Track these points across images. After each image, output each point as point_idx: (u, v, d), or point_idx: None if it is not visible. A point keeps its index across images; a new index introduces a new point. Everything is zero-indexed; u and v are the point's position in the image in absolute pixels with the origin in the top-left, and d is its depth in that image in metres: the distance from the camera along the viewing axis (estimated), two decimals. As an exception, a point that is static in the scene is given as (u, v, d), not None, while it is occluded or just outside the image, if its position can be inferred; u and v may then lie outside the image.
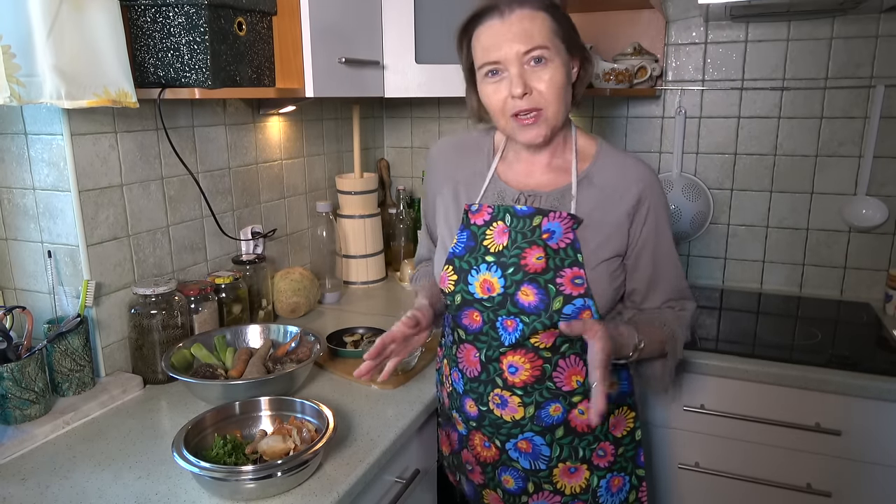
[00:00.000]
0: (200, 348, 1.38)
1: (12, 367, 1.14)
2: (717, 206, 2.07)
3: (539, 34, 1.04)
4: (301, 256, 2.00)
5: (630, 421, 1.24)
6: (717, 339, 1.71)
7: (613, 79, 1.90)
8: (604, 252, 1.11)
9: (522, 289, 1.09)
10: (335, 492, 1.01)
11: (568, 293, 1.07)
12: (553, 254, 1.09)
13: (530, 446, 1.18)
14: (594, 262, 1.10)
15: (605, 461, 1.21)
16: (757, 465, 1.57)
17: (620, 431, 1.23)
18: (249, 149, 1.75)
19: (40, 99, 1.06)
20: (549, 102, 1.07)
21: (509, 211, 1.13)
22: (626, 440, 1.23)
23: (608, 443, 1.21)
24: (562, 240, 1.09)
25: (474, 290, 1.13)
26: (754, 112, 1.97)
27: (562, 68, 1.06)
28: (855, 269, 1.96)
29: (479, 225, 1.16)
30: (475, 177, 1.21)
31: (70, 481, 1.04)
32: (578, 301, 1.07)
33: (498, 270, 1.11)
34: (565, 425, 1.17)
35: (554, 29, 1.06)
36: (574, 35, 1.11)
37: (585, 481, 1.21)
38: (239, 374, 1.31)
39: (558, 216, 1.09)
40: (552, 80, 1.05)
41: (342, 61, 1.56)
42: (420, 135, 2.40)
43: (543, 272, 1.08)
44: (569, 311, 1.07)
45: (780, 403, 1.52)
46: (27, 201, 1.32)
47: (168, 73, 1.24)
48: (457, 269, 1.15)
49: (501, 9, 1.05)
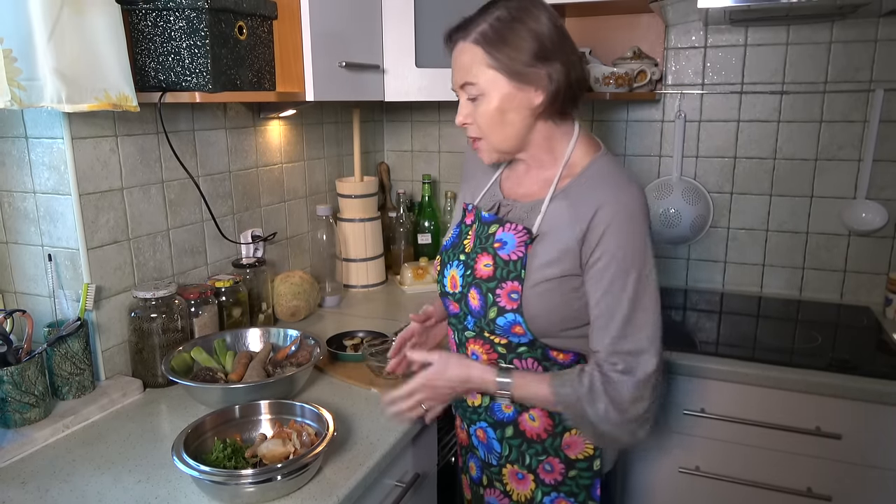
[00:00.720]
0: (200, 352, 1.38)
1: (12, 371, 1.14)
2: (716, 210, 2.07)
3: (470, 68, 1.06)
4: (301, 260, 2.00)
5: (589, 447, 1.14)
6: (718, 343, 1.71)
7: (613, 83, 1.90)
8: (548, 272, 1.06)
9: (471, 292, 1.13)
10: (335, 496, 1.01)
11: (502, 305, 1.08)
12: (502, 264, 1.09)
13: (485, 437, 1.21)
14: (535, 280, 1.06)
15: (551, 478, 1.17)
16: (757, 468, 1.57)
17: (575, 453, 1.15)
18: (250, 152, 1.75)
19: (41, 102, 1.06)
20: (486, 133, 1.10)
21: (478, 215, 1.18)
22: (582, 465, 1.15)
23: (558, 460, 1.15)
24: (514, 252, 1.09)
25: (446, 283, 1.20)
26: (754, 116, 1.98)
27: (496, 101, 1.06)
28: (855, 273, 1.96)
29: (467, 224, 1.22)
30: (482, 180, 1.26)
31: (70, 485, 1.04)
32: (510, 315, 1.08)
33: (462, 269, 1.16)
34: (514, 426, 1.17)
35: (487, 62, 1.04)
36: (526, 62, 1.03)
37: (531, 492, 1.19)
38: (239, 378, 1.31)
39: (513, 228, 1.10)
40: (483, 113, 1.08)
41: (342, 65, 1.56)
42: (420, 138, 2.40)
43: (488, 280, 1.10)
44: (501, 322, 1.09)
45: (780, 407, 1.52)
46: (28, 205, 1.32)
47: (169, 77, 1.24)
48: (442, 261, 1.23)
49: (448, 41, 1.11)
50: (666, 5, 1.75)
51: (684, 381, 1.59)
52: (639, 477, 1.71)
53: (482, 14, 1.06)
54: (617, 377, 1.02)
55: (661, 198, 2.06)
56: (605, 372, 1.03)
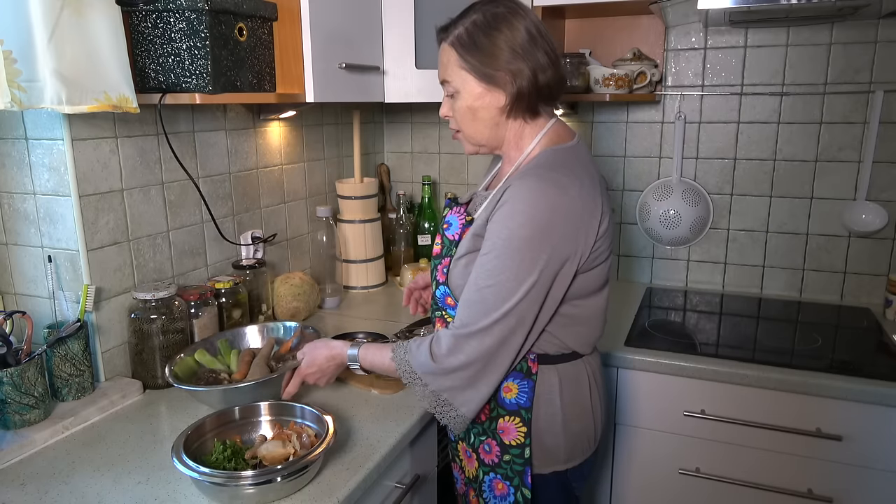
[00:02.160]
0: (204, 354, 1.38)
1: (12, 372, 1.14)
2: (716, 211, 2.07)
3: (446, 67, 1.16)
4: (301, 261, 2.00)
5: (521, 435, 1.17)
6: (718, 344, 1.71)
7: (613, 84, 1.90)
8: (465, 247, 1.16)
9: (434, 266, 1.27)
10: (335, 497, 1.01)
11: (437, 279, 1.23)
12: (448, 243, 1.23)
13: None
14: (456, 256, 1.18)
15: (489, 458, 1.22)
16: (758, 470, 1.57)
17: (509, 439, 1.18)
18: (250, 154, 1.75)
19: (41, 104, 1.06)
20: (461, 127, 1.20)
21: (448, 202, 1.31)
22: (515, 451, 1.18)
23: (495, 442, 1.20)
24: (456, 233, 1.21)
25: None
26: (754, 117, 1.98)
27: (467, 99, 1.15)
28: (855, 274, 1.96)
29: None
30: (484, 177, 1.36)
31: (69, 486, 1.03)
32: (441, 288, 1.21)
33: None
34: None
35: (458, 63, 1.13)
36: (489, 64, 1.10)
37: (476, 470, 1.25)
38: (242, 377, 1.32)
39: (457, 211, 1.24)
40: (458, 109, 1.18)
41: (342, 67, 1.57)
42: (420, 140, 2.40)
43: (437, 257, 1.26)
44: (438, 293, 1.23)
45: (780, 409, 1.52)
46: (28, 206, 1.32)
47: (169, 79, 1.24)
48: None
49: (438, 41, 1.19)
50: (666, 7, 1.75)
51: (684, 383, 1.58)
52: (639, 478, 1.70)
53: (462, 17, 1.15)
54: (442, 332, 1.11)
55: (661, 199, 2.06)
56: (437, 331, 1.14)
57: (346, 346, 1.23)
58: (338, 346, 1.24)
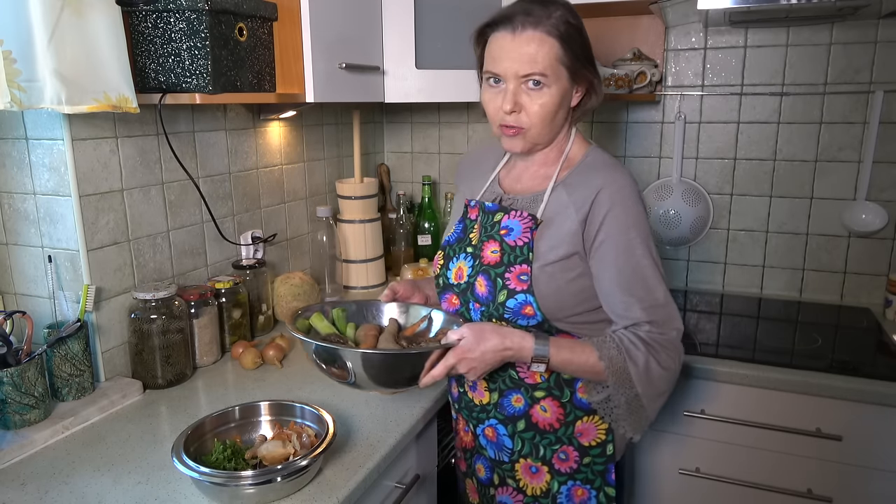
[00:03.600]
0: (321, 319, 1.23)
1: (12, 372, 1.14)
2: (716, 211, 2.07)
3: (543, 60, 1.07)
4: (301, 261, 2.00)
5: (601, 433, 1.19)
6: (718, 344, 1.71)
7: (613, 84, 1.90)
8: (553, 253, 1.12)
9: (478, 279, 1.17)
10: (335, 497, 1.01)
11: (512, 288, 1.13)
12: (509, 250, 1.15)
13: (495, 435, 1.22)
14: (542, 262, 1.12)
15: (566, 466, 1.20)
16: (757, 470, 1.57)
17: (588, 440, 1.19)
18: (250, 154, 1.75)
19: (41, 104, 1.06)
20: (534, 124, 1.12)
21: (482, 207, 1.23)
22: (595, 451, 1.20)
23: (572, 448, 1.19)
24: (519, 238, 1.14)
25: (450, 275, 1.23)
26: (754, 117, 1.98)
27: (557, 95, 1.10)
28: (855, 274, 1.96)
29: (471, 219, 1.25)
30: (481, 179, 1.30)
31: (69, 486, 1.03)
32: (520, 296, 1.12)
33: (470, 260, 1.20)
34: (526, 419, 1.20)
35: (559, 56, 1.08)
36: (583, 65, 1.11)
37: (546, 484, 1.21)
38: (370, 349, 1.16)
39: (518, 215, 1.16)
40: (542, 106, 1.10)
41: (342, 67, 1.57)
42: (420, 140, 2.40)
43: (496, 266, 1.16)
44: (511, 304, 1.13)
45: (780, 408, 1.52)
46: (28, 206, 1.32)
47: (169, 79, 1.24)
48: (445, 256, 1.26)
49: (514, 24, 1.08)
50: (666, 7, 1.75)
51: (684, 383, 1.58)
52: (639, 478, 1.70)
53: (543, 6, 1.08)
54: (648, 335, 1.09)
55: (661, 199, 2.06)
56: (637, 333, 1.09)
57: (530, 338, 1.09)
58: (519, 336, 1.09)
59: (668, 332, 1.10)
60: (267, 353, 1.50)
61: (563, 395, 1.18)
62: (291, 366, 1.51)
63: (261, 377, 1.45)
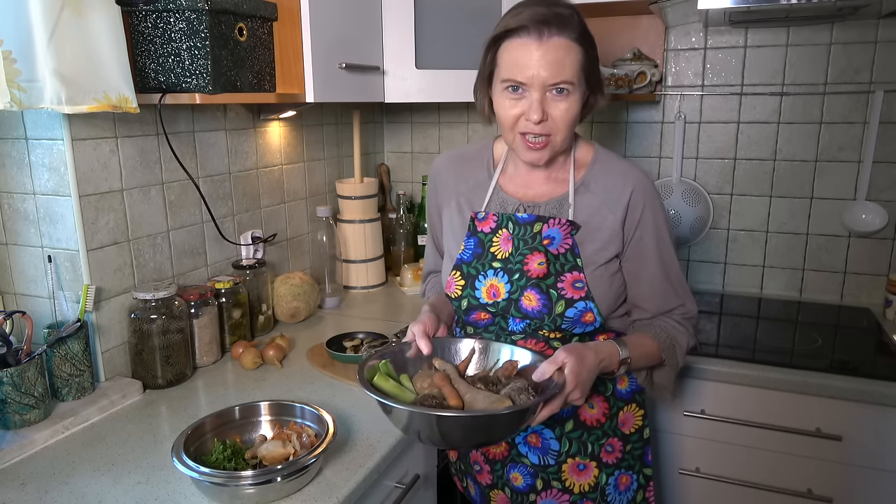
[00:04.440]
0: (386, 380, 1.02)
1: (12, 372, 1.14)
2: (716, 211, 2.07)
3: (570, 67, 1.04)
4: (301, 261, 2.00)
5: (639, 419, 1.25)
6: (718, 344, 1.71)
7: (613, 84, 1.90)
8: (601, 256, 1.14)
9: (526, 294, 1.12)
10: (335, 497, 1.01)
11: (569, 297, 1.11)
12: (553, 259, 1.12)
13: (539, 440, 1.20)
14: (593, 265, 1.13)
15: (613, 457, 1.22)
16: (758, 470, 1.57)
17: (629, 428, 1.24)
18: (250, 154, 1.75)
19: (41, 104, 1.06)
20: (560, 131, 1.09)
21: (511, 219, 1.16)
22: (635, 437, 1.25)
23: (617, 439, 1.22)
24: (561, 245, 1.13)
25: (480, 295, 1.17)
26: (754, 117, 1.98)
27: (578, 101, 1.08)
28: (855, 274, 1.96)
29: (485, 232, 1.19)
30: (478, 187, 1.24)
31: (69, 486, 1.03)
32: (580, 304, 1.11)
33: (504, 276, 1.14)
34: (574, 418, 1.19)
35: (582, 63, 1.06)
36: (596, 68, 1.11)
37: (594, 479, 1.22)
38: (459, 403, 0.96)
39: (557, 222, 1.13)
40: (568, 111, 1.07)
41: (342, 67, 1.57)
42: (420, 140, 2.40)
43: (545, 277, 1.12)
44: (571, 314, 1.12)
45: (780, 408, 1.52)
46: (28, 206, 1.32)
47: (169, 79, 1.24)
48: (464, 275, 1.19)
49: (541, 30, 1.03)
50: (666, 7, 1.75)
51: (685, 382, 1.58)
52: (639, 478, 1.71)
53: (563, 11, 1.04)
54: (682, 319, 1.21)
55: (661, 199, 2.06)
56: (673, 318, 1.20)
57: (610, 344, 1.09)
58: (602, 346, 1.07)
59: (691, 308, 1.22)
60: (267, 353, 1.50)
61: (606, 389, 1.21)
62: (291, 366, 1.51)
63: (261, 377, 1.45)
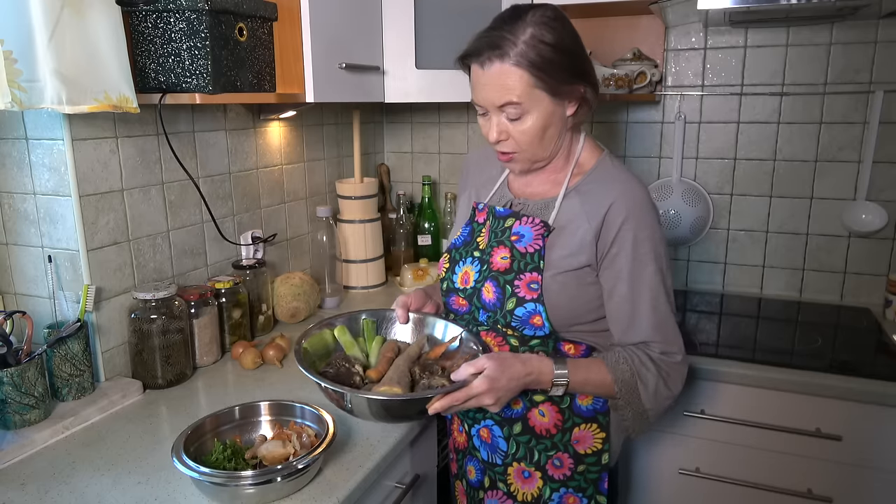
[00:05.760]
0: (345, 332, 1.21)
1: (12, 372, 1.14)
2: (716, 211, 2.07)
3: (514, 89, 1.05)
4: (301, 261, 2.00)
5: (598, 441, 1.18)
6: (717, 344, 1.71)
7: (613, 84, 1.90)
8: (567, 262, 1.11)
9: (486, 285, 1.15)
10: (335, 497, 1.01)
11: (521, 296, 1.12)
12: (519, 256, 1.13)
13: (490, 436, 1.22)
14: (554, 270, 1.11)
15: (560, 473, 1.19)
16: (757, 470, 1.57)
17: (584, 448, 1.19)
18: (250, 154, 1.75)
19: (41, 104, 1.06)
20: (524, 149, 1.12)
21: (492, 212, 1.20)
22: (590, 459, 1.19)
23: (568, 455, 1.18)
24: (530, 245, 1.13)
25: (456, 279, 1.22)
26: (754, 117, 1.98)
27: (539, 118, 1.08)
28: (855, 274, 1.96)
29: (479, 223, 1.24)
30: (489, 181, 1.29)
31: (69, 486, 1.03)
32: (529, 305, 1.11)
33: (477, 265, 1.19)
34: (523, 422, 1.19)
35: (532, 83, 1.05)
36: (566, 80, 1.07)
37: (538, 490, 1.20)
38: (378, 376, 1.12)
39: (530, 221, 1.15)
40: (525, 131, 1.09)
41: (342, 67, 1.57)
42: (420, 140, 2.40)
43: (506, 272, 1.14)
44: (520, 312, 1.12)
45: (780, 408, 1.52)
46: (28, 206, 1.32)
47: (169, 79, 1.24)
48: (451, 259, 1.25)
49: (481, 59, 1.06)
50: (666, 7, 1.75)
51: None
52: (639, 478, 1.70)
53: (512, 30, 1.04)
54: (658, 357, 1.10)
55: (661, 199, 2.06)
56: (648, 353, 1.10)
57: (546, 361, 1.08)
58: (537, 361, 1.08)
59: (674, 354, 1.11)
60: (267, 353, 1.50)
61: (563, 401, 1.17)
62: (291, 366, 1.51)
63: (261, 377, 1.45)
